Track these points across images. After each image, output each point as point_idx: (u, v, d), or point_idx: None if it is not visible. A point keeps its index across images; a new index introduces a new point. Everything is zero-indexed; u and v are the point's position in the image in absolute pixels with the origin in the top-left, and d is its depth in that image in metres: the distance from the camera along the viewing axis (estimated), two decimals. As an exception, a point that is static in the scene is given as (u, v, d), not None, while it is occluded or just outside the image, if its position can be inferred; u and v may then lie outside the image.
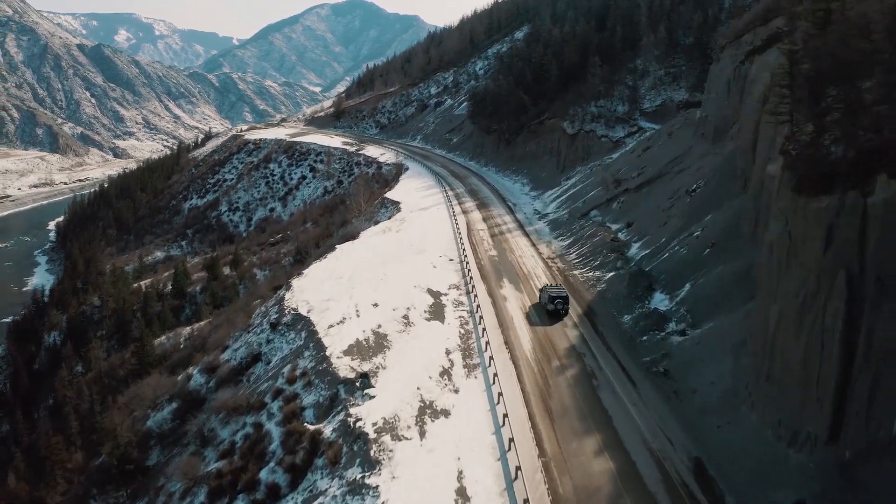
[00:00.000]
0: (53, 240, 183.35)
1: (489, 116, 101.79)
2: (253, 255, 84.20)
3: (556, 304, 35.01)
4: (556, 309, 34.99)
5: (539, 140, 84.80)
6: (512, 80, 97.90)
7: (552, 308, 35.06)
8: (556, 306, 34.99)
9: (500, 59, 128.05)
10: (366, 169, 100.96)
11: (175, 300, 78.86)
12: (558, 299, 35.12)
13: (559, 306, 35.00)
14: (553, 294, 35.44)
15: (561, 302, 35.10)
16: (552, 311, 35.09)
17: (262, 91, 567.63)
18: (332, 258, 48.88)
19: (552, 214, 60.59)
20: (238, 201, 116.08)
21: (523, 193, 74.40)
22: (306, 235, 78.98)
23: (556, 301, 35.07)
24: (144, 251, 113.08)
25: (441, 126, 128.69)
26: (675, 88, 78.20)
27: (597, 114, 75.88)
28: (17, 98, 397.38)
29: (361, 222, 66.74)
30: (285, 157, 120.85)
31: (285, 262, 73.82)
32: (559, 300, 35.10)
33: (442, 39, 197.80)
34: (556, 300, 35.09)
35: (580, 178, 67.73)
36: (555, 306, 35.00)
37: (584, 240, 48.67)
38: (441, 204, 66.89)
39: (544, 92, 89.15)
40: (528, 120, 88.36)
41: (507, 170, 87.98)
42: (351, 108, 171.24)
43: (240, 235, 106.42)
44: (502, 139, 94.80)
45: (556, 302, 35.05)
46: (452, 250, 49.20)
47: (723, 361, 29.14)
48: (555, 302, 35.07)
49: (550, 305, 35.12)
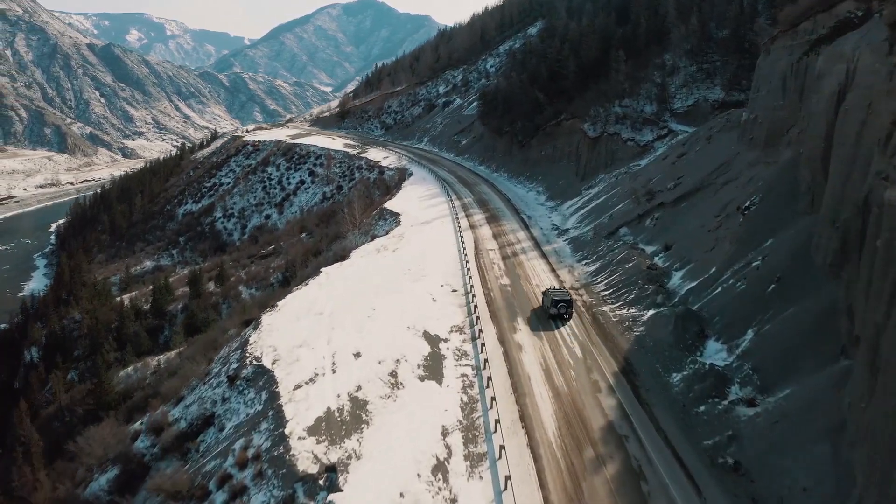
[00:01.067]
0: (54, 243, 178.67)
1: (501, 117, 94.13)
2: (241, 269, 77.16)
3: (560, 308, 33.65)
4: (560, 313, 33.66)
5: (556, 143, 77.03)
6: (526, 78, 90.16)
7: (554, 312, 33.62)
8: (558, 310, 33.64)
9: (512, 55, 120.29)
10: (367, 174, 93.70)
11: (154, 319, 72.08)
12: (561, 303, 33.67)
13: (562, 310, 33.65)
14: (556, 298, 33.86)
15: (564, 306, 33.66)
16: (555, 315, 33.69)
17: (272, 91, 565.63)
18: (315, 285, 41.56)
19: (573, 231, 52.84)
20: (233, 207, 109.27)
21: (539, 204, 66.66)
22: (298, 249, 71.83)
23: (560, 305, 33.67)
24: (133, 260, 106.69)
25: (449, 127, 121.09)
26: (709, 86, 70.12)
27: (621, 114, 67.97)
28: (26, 98, 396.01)
29: (356, 237, 59.44)
30: (284, 161, 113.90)
31: (273, 279, 66.68)
32: (562, 304, 33.67)
33: (452, 37, 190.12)
34: (559, 304, 33.68)
35: (604, 187, 59.95)
36: (557, 310, 33.62)
37: (614, 265, 40.94)
38: (446, 216, 59.42)
39: (561, 90, 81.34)
40: (543, 121, 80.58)
41: (521, 176, 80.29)
42: (356, 108, 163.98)
43: (233, 244, 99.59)
44: (515, 142, 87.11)
45: (560, 306, 33.66)
46: (456, 276, 41.72)
47: (815, 452, 21.45)
48: (557, 306, 33.65)
49: (553, 310, 33.61)
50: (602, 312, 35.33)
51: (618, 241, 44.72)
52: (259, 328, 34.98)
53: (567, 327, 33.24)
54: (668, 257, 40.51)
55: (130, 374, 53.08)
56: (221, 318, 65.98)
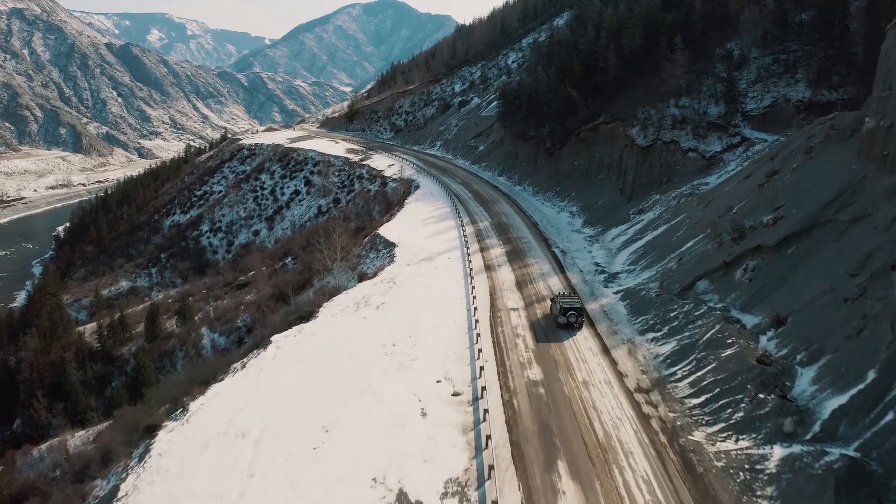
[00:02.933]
0: (54, 248, 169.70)
1: (524, 119, 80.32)
2: (213, 301, 64.45)
3: (570, 317, 31.55)
4: (570, 322, 31.57)
5: (592, 152, 63.01)
6: (554, 73, 76.19)
7: (564, 321, 31.53)
8: (568, 319, 31.55)
9: (536, 49, 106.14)
10: (368, 185, 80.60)
11: (105, 365, 59.85)
12: (571, 311, 31.61)
13: (572, 319, 31.57)
14: (566, 305, 31.81)
15: (574, 314, 31.58)
16: (564, 325, 31.55)
17: (291, 91, 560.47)
18: (255, 371, 28.39)
19: (627, 276, 38.86)
20: (221, 220, 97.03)
21: (574, 230, 52.73)
22: (280, 279, 59.00)
23: (570, 313, 31.57)
24: (109, 279, 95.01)
25: (465, 130, 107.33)
26: (790, 82, 55.47)
27: (679, 117, 53.72)
28: (43, 97, 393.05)
29: (338, 274, 46.23)
30: (279, 167, 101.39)
31: (241, 321, 53.81)
32: (572, 312, 31.60)
33: (470, 31, 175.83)
34: (568, 312, 31.58)
35: (661, 212, 45.88)
36: (567, 319, 31.56)
37: (701, 348, 26.98)
38: (454, 249, 45.90)
39: (598, 87, 67.18)
40: (576, 124, 66.55)
41: (549, 191, 66.41)
42: (365, 108, 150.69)
43: (217, 263, 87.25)
44: (542, 149, 73.23)
45: (570, 314, 31.56)
46: (461, 360, 28.21)
47: None
48: (567, 314, 31.57)
49: (562, 318, 31.59)
50: (695, 446, 21.47)
51: (698, 305, 30.70)
52: (144, 463, 21.88)
53: (646, 484, 19.49)
54: (782, 340, 26.45)
55: (37, 460, 40.60)
56: (177, 369, 53.41)
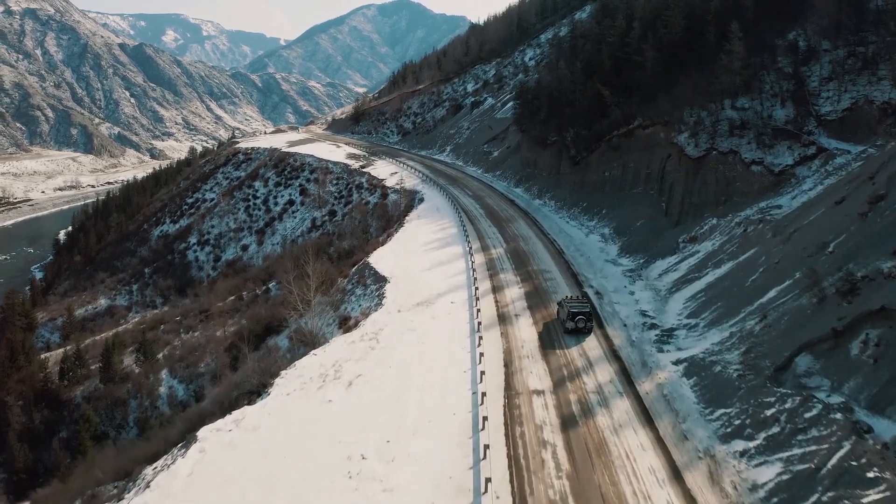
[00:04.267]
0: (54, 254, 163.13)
1: (545, 122, 70.71)
2: (182, 333, 55.52)
3: (578, 322, 29.05)
4: (578, 327, 29.03)
5: (627, 161, 53.20)
6: (580, 69, 66.50)
7: (572, 326, 29.05)
8: (577, 324, 29.05)
9: (557, 44, 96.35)
10: (367, 196, 71.46)
11: (54, 411, 51.19)
12: (580, 316, 29.10)
13: (580, 324, 29.06)
14: (574, 309, 29.28)
15: (583, 319, 29.08)
16: (573, 330, 29.04)
17: (305, 92, 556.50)
18: (157, 498, 19.22)
19: (687, 335, 29.03)
20: (210, 231, 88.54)
21: (608, 259, 42.96)
22: (252, 312, 49.91)
23: (578, 318, 29.07)
24: (88, 295, 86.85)
25: (478, 134, 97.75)
26: (871, 80, 45.18)
27: (738, 121, 43.77)
28: (55, 97, 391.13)
29: (317, 313, 37.08)
30: (274, 174, 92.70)
31: (205, 366, 44.79)
32: (581, 316, 29.10)
33: (484, 29, 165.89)
34: (577, 317, 29.07)
35: (723, 242, 36.02)
36: (575, 324, 29.02)
37: (826, 485, 17.29)
38: (459, 288, 36.47)
39: (632, 85, 57.30)
40: (607, 128, 56.77)
41: (575, 207, 56.69)
42: (372, 109, 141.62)
43: (202, 281, 78.65)
44: (565, 157, 63.57)
45: (578, 319, 29.05)
46: (463, 484, 18.80)
47: None
48: (575, 319, 29.03)
49: (570, 323, 29.08)
50: None
51: (807, 400, 20.98)
52: None
53: None
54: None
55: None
56: (128, 423, 44.73)
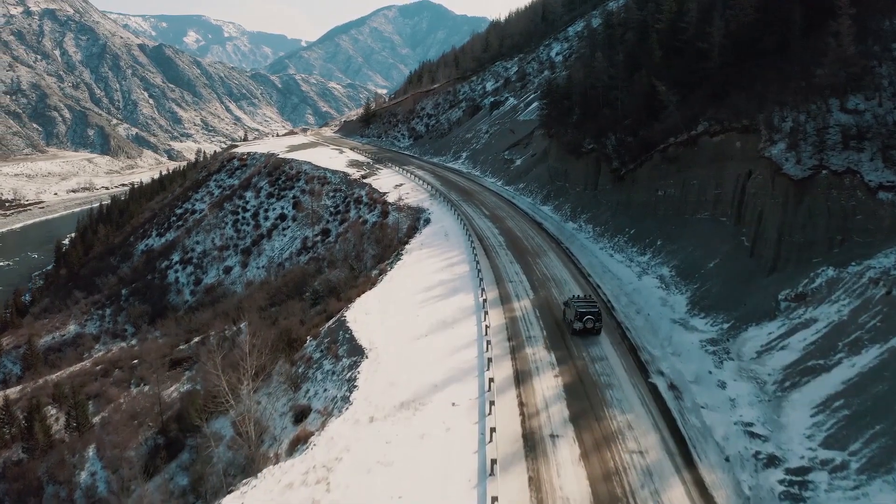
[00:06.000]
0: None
1: (577, 125, 58.84)
2: (130, 387, 44.68)
3: (587, 322, 27.52)
4: (587, 328, 27.54)
5: (688, 176, 41.00)
6: (622, 61, 54.47)
7: (580, 327, 27.48)
8: (585, 325, 27.52)
9: (590, 35, 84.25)
10: (365, 213, 60.29)
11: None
12: (588, 316, 27.51)
13: (589, 324, 27.53)
14: (582, 309, 27.69)
15: (591, 319, 27.53)
16: (580, 331, 27.50)
17: (325, 93, 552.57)
18: None
19: (829, 486, 17.33)
20: (194, 249, 78.25)
21: (674, 319, 30.92)
22: (204, 372, 38.97)
23: (587, 318, 27.50)
24: (56, 321, 77.04)
25: (498, 139, 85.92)
26: None
27: (852, 128, 31.58)
28: (73, 98, 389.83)
29: (272, 395, 25.76)
30: (267, 183, 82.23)
31: (136, 450, 33.81)
32: (590, 317, 27.51)
33: (506, 24, 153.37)
34: (585, 317, 27.48)
35: (855, 308, 23.90)
36: (584, 325, 27.51)
37: None
38: (466, 375, 24.70)
39: (693, 79, 45.04)
40: (661, 134, 44.53)
41: (619, 234, 44.67)
42: (383, 111, 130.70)
43: (178, 309, 68.23)
44: (605, 169, 51.57)
45: (587, 319, 27.50)
46: None
47: None
48: (584, 319, 27.48)
49: (578, 324, 27.50)
50: None
51: None
52: None
53: None
54: None
55: None
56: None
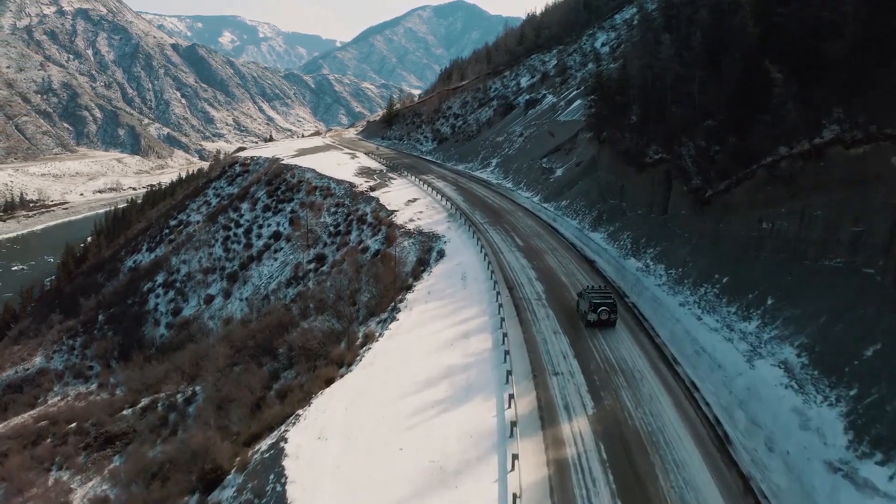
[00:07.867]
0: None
1: (637, 128, 45.88)
2: (50, 471, 33.73)
3: (601, 314, 27.14)
4: (601, 319, 27.17)
5: (810, 204, 27.96)
6: (699, 45, 41.38)
7: (594, 318, 27.09)
8: (599, 316, 27.14)
9: (644, 20, 70.76)
10: (367, 238, 48.52)
11: None
12: (603, 307, 27.07)
13: (604, 315, 27.18)
14: (597, 300, 27.27)
15: (606, 311, 27.13)
16: (595, 322, 27.15)
17: (358, 93, 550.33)
18: None
19: None
20: (180, 269, 67.89)
21: (829, 462, 18.50)
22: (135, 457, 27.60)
23: (601, 309, 27.08)
24: (26, 350, 67.51)
25: (534, 143, 72.90)
26: None
27: None
28: (105, 97, 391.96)
29: None
30: (265, 194, 71.48)
31: None
32: (604, 308, 27.09)
33: (542, 17, 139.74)
34: (600, 308, 27.06)
35: None
36: (598, 316, 27.12)
37: None
38: None
39: (811, 66, 31.85)
40: (767, 142, 31.50)
41: (706, 282, 31.67)
42: (407, 110, 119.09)
43: (152, 344, 57.75)
44: (681, 188, 38.54)
45: (601, 310, 27.10)
46: None
47: None
48: (598, 311, 27.06)
49: (592, 315, 27.07)
50: None
51: None
52: None
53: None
54: None
55: None
56: None
